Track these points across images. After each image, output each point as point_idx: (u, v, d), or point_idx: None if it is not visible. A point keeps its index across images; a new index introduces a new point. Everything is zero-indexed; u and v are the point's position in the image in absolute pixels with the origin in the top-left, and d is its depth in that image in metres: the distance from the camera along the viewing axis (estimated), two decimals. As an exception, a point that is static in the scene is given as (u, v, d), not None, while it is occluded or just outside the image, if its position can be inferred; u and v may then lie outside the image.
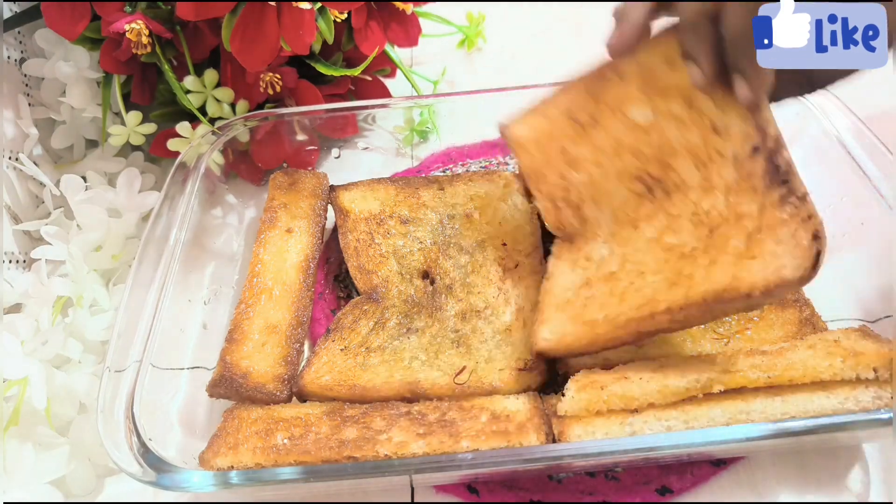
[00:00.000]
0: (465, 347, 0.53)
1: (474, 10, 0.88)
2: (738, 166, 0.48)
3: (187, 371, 0.53)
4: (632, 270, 0.49)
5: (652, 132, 0.52)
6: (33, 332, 0.53)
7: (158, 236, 0.56)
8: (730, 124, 0.49)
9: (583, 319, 0.48)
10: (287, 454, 0.45)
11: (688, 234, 0.48)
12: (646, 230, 0.50)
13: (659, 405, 0.44)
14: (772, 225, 0.45)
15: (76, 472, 0.49)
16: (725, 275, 0.45)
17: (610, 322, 0.47)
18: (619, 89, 0.54)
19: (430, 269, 0.58)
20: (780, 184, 0.46)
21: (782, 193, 0.45)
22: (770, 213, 0.45)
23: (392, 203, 0.63)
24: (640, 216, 0.51)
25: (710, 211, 0.48)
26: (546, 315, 0.50)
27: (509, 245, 0.59)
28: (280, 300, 0.56)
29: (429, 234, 0.61)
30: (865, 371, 0.44)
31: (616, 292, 0.49)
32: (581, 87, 0.56)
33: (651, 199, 0.51)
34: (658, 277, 0.47)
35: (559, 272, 0.51)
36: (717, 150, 0.49)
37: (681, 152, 0.50)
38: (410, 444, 0.45)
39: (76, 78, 0.67)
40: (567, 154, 0.55)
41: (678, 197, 0.50)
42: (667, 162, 0.51)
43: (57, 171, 0.68)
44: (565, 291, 0.50)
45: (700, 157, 0.49)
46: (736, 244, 0.45)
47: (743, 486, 0.48)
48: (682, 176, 0.50)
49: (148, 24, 0.61)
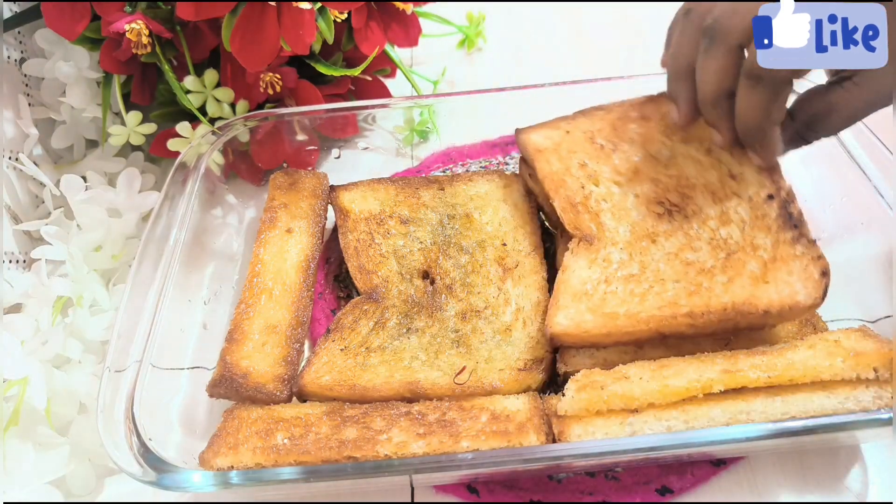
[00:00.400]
0: (466, 347, 0.53)
1: (474, 10, 0.88)
2: (753, 207, 0.52)
3: (187, 371, 0.53)
4: (652, 276, 0.50)
5: (671, 167, 0.56)
6: (33, 332, 0.53)
7: (158, 236, 0.56)
8: (746, 173, 0.53)
9: (602, 311, 0.49)
10: (287, 454, 0.45)
11: (706, 254, 0.51)
12: (665, 244, 0.52)
13: (659, 405, 0.44)
14: (785, 258, 0.49)
15: (76, 472, 0.49)
16: (744, 291, 0.48)
17: (631, 317, 0.48)
18: (641, 128, 0.58)
19: (431, 268, 0.58)
20: (793, 227, 0.50)
21: (794, 235, 0.50)
22: (783, 249, 0.49)
23: (392, 203, 0.63)
24: (658, 232, 0.53)
25: (728, 239, 0.51)
26: (562, 302, 0.50)
27: (509, 245, 0.59)
28: (280, 300, 0.56)
29: (429, 234, 0.60)
30: (866, 371, 0.44)
31: (637, 293, 0.49)
32: (603, 117, 0.60)
33: (670, 219, 0.53)
34: (679, 285, 0.49)
35: (576, 266, 0.52)
36: (734, 191, 0.53)
37: (698, 187, 0.54)
38: (410, 444, 0.45)
39: (76, 78, 0.67)
40: (587, 168, 0.57)
41: (696, 222, 0.52)
42: (685, 193, 0.54)
43: (57, 171, 0.68)
44: (583, 284, 0.51)
45: (717, 194, 0.53)
46: (752, 269, 0.49)
47: (743, 486, 0.48)
48: (700, 206, 0.53)
49: (148, 24, 0.61)
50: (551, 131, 0.60)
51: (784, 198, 0.51)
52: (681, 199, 0.54)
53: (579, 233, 0.54)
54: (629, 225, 0.53)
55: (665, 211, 0.53)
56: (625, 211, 0.54)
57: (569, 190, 0.56)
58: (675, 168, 0.55)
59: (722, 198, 0.53)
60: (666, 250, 0.51)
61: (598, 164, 0.57)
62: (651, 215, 0.53)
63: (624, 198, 0.55)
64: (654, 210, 0.54)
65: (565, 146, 0.59)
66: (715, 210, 0.53)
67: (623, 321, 0.48)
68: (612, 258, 0.52)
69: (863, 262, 0.55)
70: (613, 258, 0.52)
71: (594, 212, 0.54)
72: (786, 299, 0.47)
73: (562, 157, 0.58)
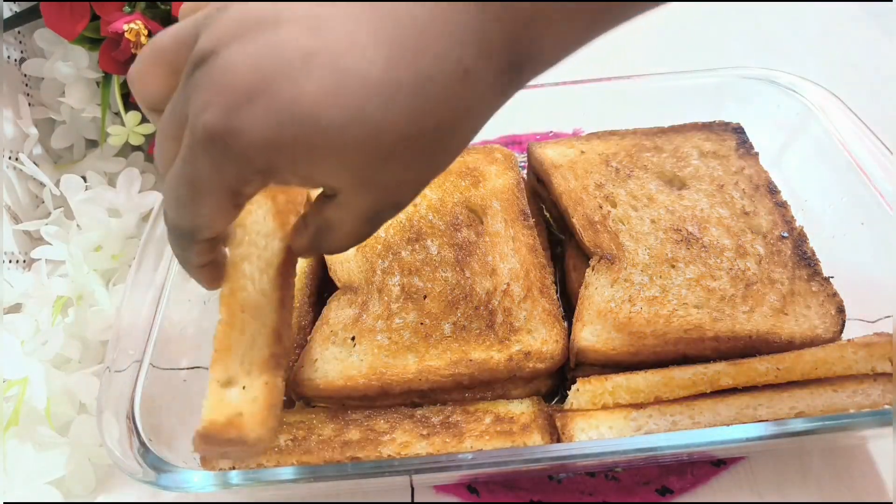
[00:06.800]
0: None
1: (474, 9, 0.88)
2: (768, 244, 0.53)
3: (187, 371, 0.53)
4: (675, 300, 0.51)
5: (685, 199, 0.57)
6: (33, 332, 0.53)
7: (158, 236, 0.56)
8: (759, 210, 0.55)
9: (629, 330, 0.49)
10: (289, 455, 0.45)
11: (727, 283, 0.51)
12: (685, 271, 0.52)
13: (664, 400, 0.44)
14: (802, 293, 0.51)
15: (76, 472, 0.49)
16: (766, 321, 0.49)
17: (659, 337, 0.48)
18: (655, 157, 0.60)
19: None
20: (807, 266, 0.52)
21: (809, 273, 0.52)
22: (799, 285, 0.51)
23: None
24: (678, 258, 0.53)
25: (746, 270, 0.52)
26: (587, 318, 0.50)
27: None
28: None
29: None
30: (881, 362, 0.44)
31: (662, 314, 0.50)
32: (618, 142, 0.62)
33: (688, 247, 0.54)
34: (702, 311, 0.50)
35: (599, 284, 0.52)
36: (749, 226, 0.55)
37: (713, 220, 0.55)
38: (414, 444, 0.45)
39: (76, 78, 0.67)
40: (603, 189, 0.58)
41: (714, 252, 0.53)
42: (701, 224, 0.55)
43: (57, 171, 0.68)
44: (607, 302, 0.51)
45: (732, 229, 0.54)
46: (772, 301, 0.50)
47: (743, 486, 0.48)
48: (717, 237, 0.54)
49: (147, 24, 0.61)
50: (566, 149, 0.62)
51: (796, 238, 0.54)
52: (698, 228, 0.55)
53: (599, 251, 0.54)
54: (648, 249, 0.54)
55: (683, 239, 0.54)
56: (643, 235, 0.55)
57: (587, 208, 0.57)
58: (689, 199, 0.57)
59: (737, 232, 0.54)
60: (686, 276, 0.52)
61: (615, 187, 0.58)
62: (669, 241, 0.54)
63: (641, 222, 0.56)
64: (672, 237, 0.54)
65: (581, 165, 0.60)
66: (731, 242, 0.54)
67: (651, 341, 0.48)
68: (633, 279, 0.52)
69: (863, 261, 0.55)
70: (635, 279, 0.52)
71: (613, 232, 0.55)
72: (806, 332, 0.48)
73: (578, 175, 0.59)
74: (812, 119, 0.60)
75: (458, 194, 0.60)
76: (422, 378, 0.48)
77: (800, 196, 0.59)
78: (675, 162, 0.60)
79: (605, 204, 0.57)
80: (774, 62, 0.70)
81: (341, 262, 0.56)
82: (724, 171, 0.59)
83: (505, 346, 0.49)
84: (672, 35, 0.88)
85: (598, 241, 0.54)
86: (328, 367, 0.49)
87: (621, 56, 0.86)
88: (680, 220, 0.55)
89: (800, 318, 0.49)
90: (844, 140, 0.57)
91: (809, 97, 0.61)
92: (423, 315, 0.52)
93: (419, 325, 0.51)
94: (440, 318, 0.52)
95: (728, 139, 0.62)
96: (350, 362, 0.49)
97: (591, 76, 0.68)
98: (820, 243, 0.55)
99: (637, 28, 0.92)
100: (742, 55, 0.85)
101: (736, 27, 0.90)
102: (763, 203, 0.56)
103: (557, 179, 0.59)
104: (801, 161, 0.61)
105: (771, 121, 0.63)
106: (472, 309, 0.52)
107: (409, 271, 0.55)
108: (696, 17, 0.91)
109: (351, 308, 0.53)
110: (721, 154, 0.60)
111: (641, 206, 0.57)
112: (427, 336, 0.51)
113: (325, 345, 0.51)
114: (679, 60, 0.84)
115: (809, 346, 0.47)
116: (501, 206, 0.59)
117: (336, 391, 0.48)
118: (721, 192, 0.57)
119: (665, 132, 0.62)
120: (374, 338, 0.51)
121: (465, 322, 0.51)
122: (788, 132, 0.63)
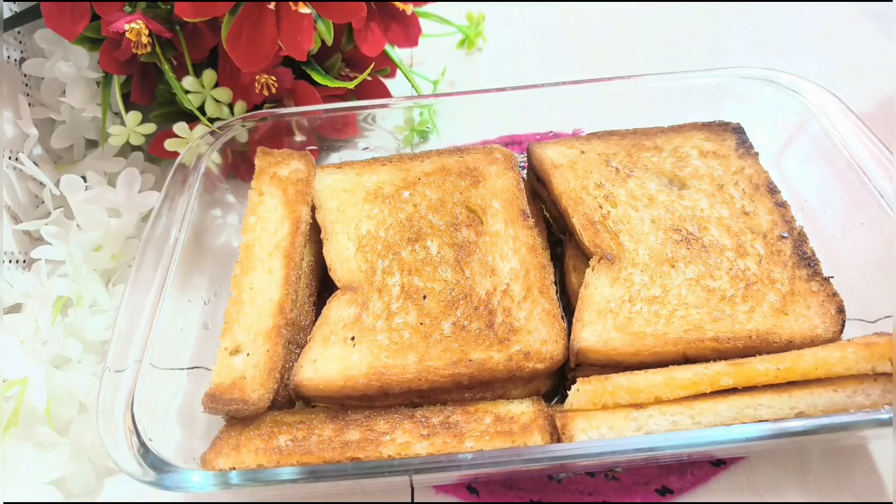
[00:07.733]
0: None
1: (474, 10, 0.89)
2: (768, 244, 0.53)
3: (187, 371, 0.53)
4: (675, 300, 0.51)
5: (685, 198, 0.57)
6: (33, 332, 0.53)
7: (158, 236, 0.56)
8: (759, 210, 0.55)
9: (629, 330, 0.49)
10: (289, 455, 0.45)
11: (726, 283, 0.51)
12: (685, 271, 0.52)
13: (664, 399, 0.44)
14: (802, 293, 0.51)
15: (76, 472, 0.49)
16: (766, 321, 0.49)
17: (659, 338, 0.48)
18: (654, 157, 0.60)
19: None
20: (807, 266, 0.52)
21: (809, 273, 0.52)
22: (799, 284, 0.51)
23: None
24: (678, 258, 0.53)
25: (745, 270, 0.52)
26: (587, 319, 0.50)
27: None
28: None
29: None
30: (881, 362, 0.44)
31: (662, 314, 0.50)
32: (618, 142, 0.62)
33: (688, 247, 0.54)
34: (702, 311, 0.50)
35: (598, 284, 0.52)
36: (748, 227, 0.55)
37: (713, 220, 0.55)
38: (414, 444, 0.45)
39: (76, 78, 0.67)
40: (603, 189, 0.58)
41: (714, 252, 0.53)
42: (701, 224, 0.55)
43: (57, 171, 0.68)
44: (607, 302, 0.51)
45: (732, 228, 0.55)
46: (772, 301, 0.50)
47: (743, 486, 0.48)
48: (717, 237, 0.54)
49: (148, 24, 0.61)
50: (566, 149, 0.62)
51: (796, 238, 0.54)
52: (697, 228, 0.55)
53: (599, 251, 0.54)
54: (648, 248, 0.54)
55: (683, 238, 0.54)
56: (643, 234, 0.55)
57: (587, 208, 0.57)
58: (689, 199, 0.57)
59: (737, 232, 0.54)
60: (686, 276, 0.52)
61: (615, 187, 0.58)
62: (669, 241, 0.54)
63: (641, 222, 0.56)
64: (672, 237, 0.54)
65: (581, 165, 0.60)
66: (731, 242, 0.54)
67: (651, 341, 0.48)
68: (633, 279, 0.52)
69: (863, 261, 0.55)
70: (635, 279, 0.52)
71: (613, 232, 0.55)
72: (806, 332, 0.49)
73: (577, 175, 0.59)
74: (812, 119, 0.60)
75: (458, 194, 0.60)
76: (422, 378, 0.48)
77: (800, 196, 0.59)
78: (675, 162, 0.60)
79: (605, 204, 0.57)
80: (774, 62, 0.70)
81: (341, 262, 0.56)
82: (724, 171, 0.59)
83: (505, 346, 0.49)
84: (672, 35, 0.88)
85: (598, 241, 0.54)
86: (328, 367, 0.49)
87: (621, 56, 0.86)
88: (680, 220, 0.55)
89: (800, 318, 0.49)
90: (844, 140, 0.57)
91: (809, 97, 0.61)
92: (422, 315, 0.52)
93: (419, 325, 0.51)
94: (440, 317, 0.52)
95: (728, 139, 0.62)
96: (350, 362, 0.49)
97: (591, 76, 0.68)
98: (820, 243, 0.55)
99: (637, 28, 0.93)
100: (742, 55, 0.85)
101: (736, 27, 0.90)
102: (763, 203, 0.56)
103: (557, 179, 0.59)
104: (801, 161, 0.61)
105: (771, 121, 0.63)
106: (472, 309, 0.52)
107: (410, 271, 0.55)
108: (697, 17, 0.91)
109: (351, 308, 0.53)
110: (721, 154, 0.61)
111: (641, 205, 0.57)
112: (427, 336, 0.51)
113: (325, 345, 0.51)
114: (679, 60, 0.84)
115: (809, 346, 0.47)
116: (501, 206, 0.59)
117: (336, 391, 0.48)
118: (721, 191, 0.57)
119: (665, 132, 0.63)
120: (374, 338, 0.51)
121: (465, 322, 0.51)
122: (788, 132, 0.63)
